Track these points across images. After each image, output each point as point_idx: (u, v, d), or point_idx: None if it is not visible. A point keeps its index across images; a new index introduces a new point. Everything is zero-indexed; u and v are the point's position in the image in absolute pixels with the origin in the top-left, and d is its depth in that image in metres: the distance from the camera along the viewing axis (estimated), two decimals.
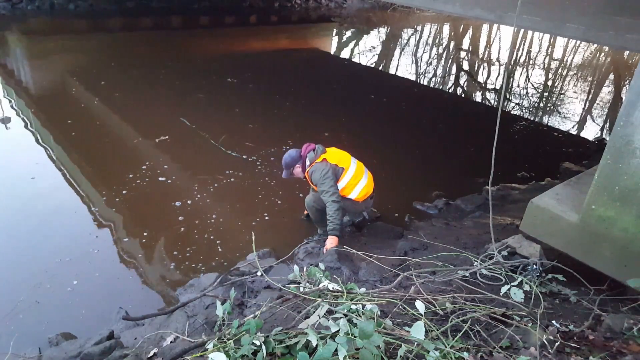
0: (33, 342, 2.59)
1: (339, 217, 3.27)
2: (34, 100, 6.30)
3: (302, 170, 3.47)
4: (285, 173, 3.54)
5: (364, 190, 3.42)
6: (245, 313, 2.65)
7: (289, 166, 3.48)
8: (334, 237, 3.32)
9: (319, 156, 3.37)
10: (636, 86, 2.28)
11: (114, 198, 4.14)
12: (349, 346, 1.57)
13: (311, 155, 3.40)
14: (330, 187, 3.24)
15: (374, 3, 17.33)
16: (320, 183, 3.27)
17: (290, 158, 3.45)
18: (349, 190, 3.38)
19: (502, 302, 2.24)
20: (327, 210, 3.29)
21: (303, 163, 3.44)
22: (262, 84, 7.79)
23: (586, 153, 6.27)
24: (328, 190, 3.24)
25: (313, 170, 3.33)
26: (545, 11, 3.49)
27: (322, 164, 3.32)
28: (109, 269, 3.33)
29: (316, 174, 3.29)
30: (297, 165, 3.46)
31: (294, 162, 3.45)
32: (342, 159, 3.40)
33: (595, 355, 1.74)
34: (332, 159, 3.35)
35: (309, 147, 3.44)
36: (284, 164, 3.49)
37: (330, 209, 3.26)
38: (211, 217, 3.95)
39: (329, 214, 3.28)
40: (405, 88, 9.25)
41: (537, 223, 2.83)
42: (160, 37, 10.43)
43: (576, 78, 11.65)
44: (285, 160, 3.47)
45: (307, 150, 3.43)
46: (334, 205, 3.24)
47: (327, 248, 3.30)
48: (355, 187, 3.39)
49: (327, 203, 3.27)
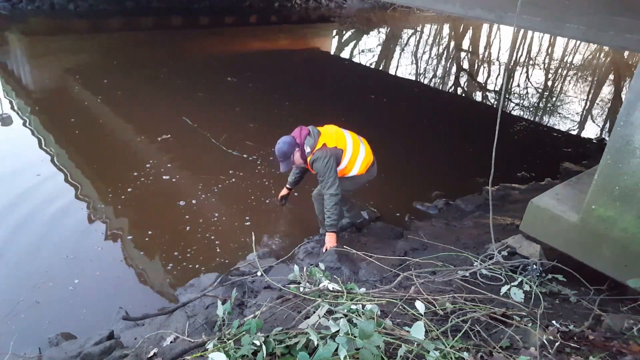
0: (33, 342, 2.59)
1: (336, 211, 3.21)
2: (34, 100, 6.29)
3: (301, 156, 3.17)
4: (284, 165, 3.19)
5: (364, 162, 3.33)
6: (245, 313, 2.65)
7: (288, 154, 3.12)
8: (332, 234, 3.28)
9: (317, 141, 3.12)
10: (636, 86, 2.28)
11: (119, 196, 4.15)
12: (349, 346, 1.57)
13: (309, 141, 3.13)
14: (330, 178, 3.11)
15: (374, 3, 17.33)
16: (322, 174, 3.13)
17: (287, 145, 3.10)
18: (351, 167, 3.28)
19: (502, 302, 2.24)
20: (325, 204, 3.20)
21: (302, 150, 3.14)
22: (262, 83, 7.79)
23: (586, 153, 6.27)
24: (327, 181, 3.12)
25: (315, 159, 3.11)
26: (545, 11, 3.49)
27: (323, 151, 3.10)
28: (110, 267, 3.34)
29: (318, 164, 3.10)
30: (295, 150, 3.13)
31: (292, 148, 3.11)
32: (338, 138, 3.20)
33: (595, 355, 1.74)
34: (330, 142, 3.14)
35: (303, 131, 3.15)
36: (281, 153, 3.12)
37: (329, 202, 3.17)
38: (211, 217, 3.95)
39: (326, 208, 3.20)
40: (405, 88, 9.25)
41: (537, 223, 2.83)
42: (160, 37, 10.42)
43: (576, 78, 11.65)
44: (281, 149, 3.10)
45: (303, 136, 3.14)
46: (332, 199, 3.15)
47: (326, 248, 3.29)
48: (356, 162, 3.28)
49: (325, 195, 3.18)
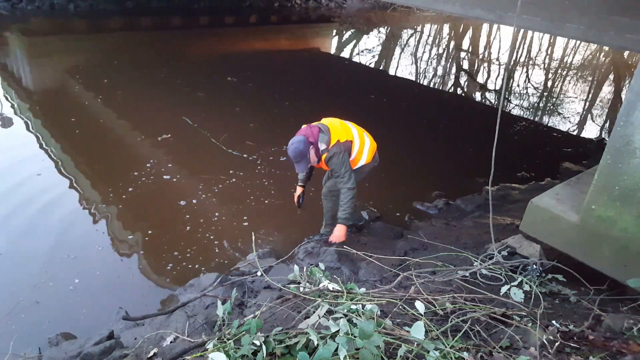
0: (33, 342, 2.59)
1: (353, 205, 3.23)
2: (34, 100, 6.29)
3: (315, 154, 3.10)
4: (302, 165, 3.10)
5: (370, 150, 3.36)
6: (245, 313, 2.65)
7: (304, 153, 3.04)
8: (344, 227, 3.29)
9: (331, 137, 3.08)
10: (636, 86, 2.28)
11: (120, 196, 4.16)
12: (349, 346, 1.57)
13: (324, 138, 3.07)
14: (347, 173, 3.14)
15: (374, 3, 17.32)
16: (338, 169, 3.13)
17: (303, 143, 3.01)
18: (359, 157, 3.30)
19: (502, 302, 2.24)
20: (342, 198, 3.22)
21: (316, 148, 3.08)
22: (263, 83, 7.79)
23: (586, 153, 6.27)
24: (344, 176, 3.14)
25: (331, 155, 3.07)
26: (545, 11, 3.49)
27: (338, 146, 3.09)
28: (110, 267, 3.34)
29: (335, 160, 3.09)
30: (310, 148, 3.06)
31: (307, 146, 3.04)
32: (345, 131, 3.20)
33: (595, 355, 1.74)
34: (342, 137, 3.13)
35: (314, 129, 3.10)
36: (297, 153, 3.01)
37: (347, 196, 3.18)
38: (212, 217, 3.95)
39: (343, 201, 3.22)
40: (406, 88, 9.24)
41: (537, 223, 2.83)
42: (160, 37, 10.42)
43: (576, 78, 11.64)
44: (297, 149, 3.00)
45: (316, 134, 3.08)
46: (350, 192, 3.17)
47: (333, 239, 3.29)
48: (364, 152, 3.31)
49: (343, 189, 3.19)
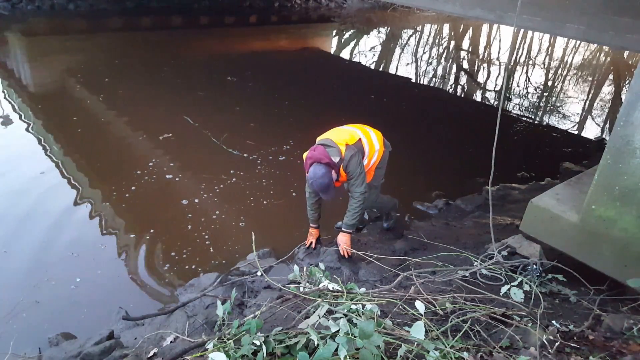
0: (33, 342, 2.59)
1: (361, 212, 3.12)
2: (35, 100, 6.29)
3: (336, 172, 2.95)
4: (329, 193, 2.94)
5: (378, 138, 3.22)
6: (245, 313, 2.65)
7: (330, 184, 2.89)
8: (349, 235, 3.20)
9: (337, 146, 2.93)
10: (636, 86, 2.28)
11: (123, 194, 4.17)
12: (349, 346, 1.57)
13: (332, 151, 2.90)
14: (361, 175, 2.99)
15: (374, 3, 17.31)
16: (353, 171, 2.97)
17: (324, 176, 2.84)
18: (372, 150, 3.15)
19: (502, 302, 2.24)
20: (352, 202, 3.08)
21: (334, 165, 2.91)
22: (263, 83, 7.79)
23: (586, 153, 6.26)
24: (358, 178, 2.99)
25: (348, 160, 2.93)
26: (545, 11, 3.49)
27: (350, 149, 2.94)
28: (111, 266, 3.34)
29: (351, 163, 2.94)
30: (332, 172, 2.91)
31: (329, 174, 2.88)
32: (348, 133, 3.06)
33: (595, 355, 1.74)
34: (348, 140, 2.98)
35: (318, 149, 2.90)
36: (324, 187, 2.87)
37: (357, 201, 3.04)
38: (212, 217, 3.95)
39: (352, 206, 3.08)
40: (405, 88, 9.24)
41: (537, 223, 2.83)
42: (160, 37, 10.41)
43: (576, 78, 11.64)
44: (322, 184, 2.85)
45: (324, 152, 2.88)
46: (361, 197, 3.03)
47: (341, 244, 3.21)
48: (373, 141, 3.15)
49: (354, 193, 3.05)
